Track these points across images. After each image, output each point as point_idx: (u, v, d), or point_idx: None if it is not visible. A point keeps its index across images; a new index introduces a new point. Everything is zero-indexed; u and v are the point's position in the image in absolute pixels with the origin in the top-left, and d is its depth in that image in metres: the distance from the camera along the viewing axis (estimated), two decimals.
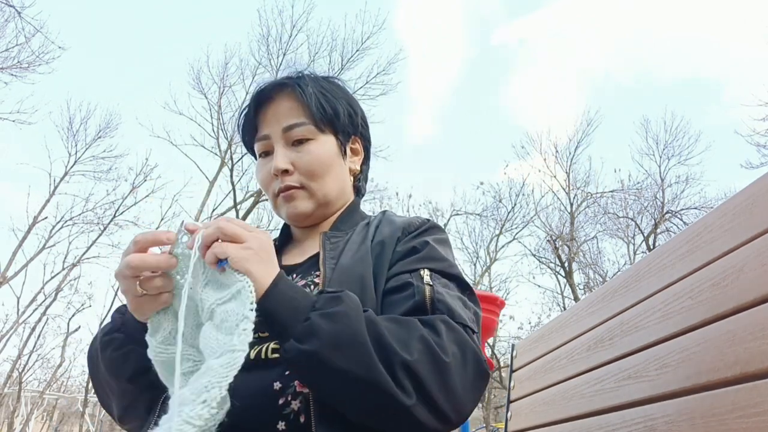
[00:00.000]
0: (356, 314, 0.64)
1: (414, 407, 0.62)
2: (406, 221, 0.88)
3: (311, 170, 0.90)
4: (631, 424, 0.88)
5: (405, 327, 0.67)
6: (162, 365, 0.69)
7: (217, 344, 0.60)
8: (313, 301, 0.65)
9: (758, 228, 0.72)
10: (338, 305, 0.64)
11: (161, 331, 0.69)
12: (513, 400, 1.59)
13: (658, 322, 0.89)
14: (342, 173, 0.96)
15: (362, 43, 12.59)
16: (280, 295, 0.65)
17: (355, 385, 0.62)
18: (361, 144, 1.02)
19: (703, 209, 12.57)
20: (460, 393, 0.66)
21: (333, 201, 0.94)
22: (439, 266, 0.79)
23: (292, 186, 0.90)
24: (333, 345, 0.61)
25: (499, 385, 13.78)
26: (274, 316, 0.64)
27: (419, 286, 0.74)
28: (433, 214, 13.82)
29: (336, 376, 0.62)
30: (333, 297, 0.66)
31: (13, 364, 13.88)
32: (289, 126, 0.91)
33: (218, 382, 0.57)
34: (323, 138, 0.93)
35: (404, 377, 0.62)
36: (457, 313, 0.72)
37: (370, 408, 0.64)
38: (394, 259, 0.81)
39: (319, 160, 0.91)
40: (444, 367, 0.65)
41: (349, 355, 0.62)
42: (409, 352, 0.64)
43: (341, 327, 0.62)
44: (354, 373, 0.61)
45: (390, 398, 0.62)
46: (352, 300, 0.67)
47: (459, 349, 0.68)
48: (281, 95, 0.94)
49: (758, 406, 0.63)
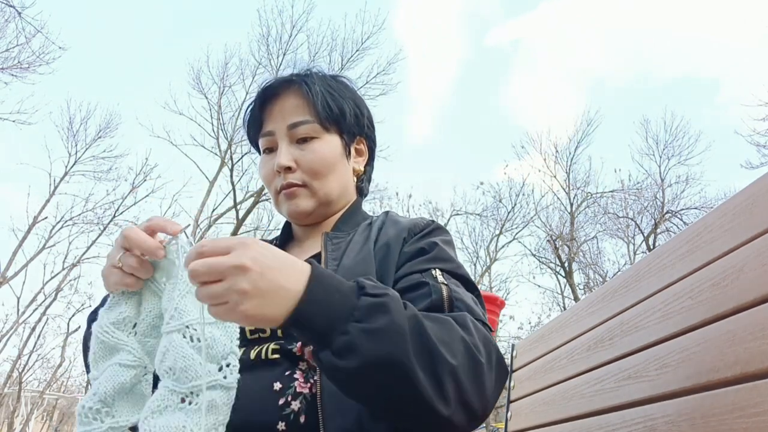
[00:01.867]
0: (401, 326, 0.59)
1: (452, 415, 0.61)
2: (411, 222, 0.88)
3: (314, 169, 0.90)
4: (631, 424, 0.88)
5: (445, 327, 0.65)
6: (101, 344, 0.68)
7: (201, 369, 0.59)
8: (352, 307, 0.59)
9: (758, 228, 0.72)
10: (382, 317, 0.58)
11: (116, 313, 0.68)
12: (513, 400, 1.59)
13: (658, 322, 0.89)
14: (345, 173, 0.96)
15: (362, 43, 12.61)
16: (314, 305, 0.58)
17: (394, 401, 0.60)
18: (366, 145, 1.02)
19: (703, 209, 12.56)
20: (490, 392, 0.66)
21: (334, 200, 0.94)
22: (448, 267, 0.79)
23: (294, 184, 0.90)
24: (376, 364, 0.57)
25: None
26: (309, 327, 0.58)
27: (435, 285, 0.74)
28: (433, 214, 13.82)
29: (376, 392, 0.60)
30: (376, 304, 0.59)
31: (13, 364, 13.88)
32: (294, 123, 0.90)
33: (223, 421, 0.59)
34: (328, 137, 0.92)
35: (449, 384, 0.60)
36: (476, 312, 0.72)
37: (407, 418, 0.62)
38: (402, 260, 0.81)
39: (323, 160, 0.91)
40: (480, 368, 0.64)
41: (392, 374, 0.58)
42: (454, 356, 0.62)
43: (385, 346, 0.57)
44: (394, 390, 0.59)
45: (428, 410, 0.60)
46: (397, 306, 0.61)
47: (485, 348, 0.67)
48: (288, 92, 0.93)
49: (758, 406, 0.63)
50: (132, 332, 0.68)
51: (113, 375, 0.66)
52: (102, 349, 0.68)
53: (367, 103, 1.03)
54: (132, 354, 0.67)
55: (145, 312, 0.68)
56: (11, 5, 9.14)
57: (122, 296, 0.69)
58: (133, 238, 0.65)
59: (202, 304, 0.59)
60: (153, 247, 0.65)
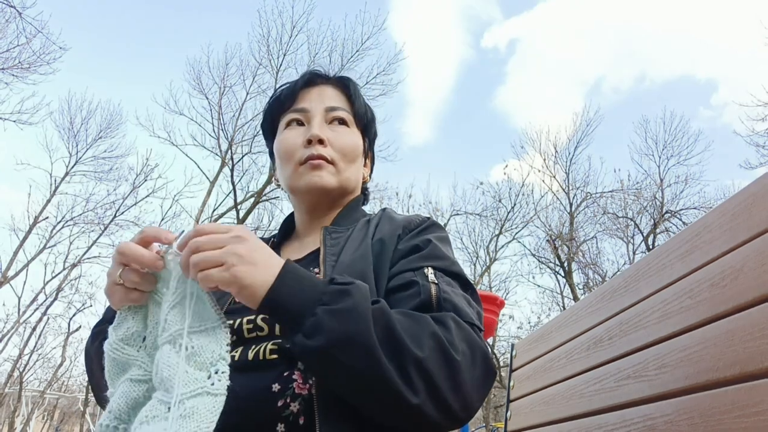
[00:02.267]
0: (364, 310, 0.63)
1: (422, 405, 0.62)
2: (406, 219, 0.89)
3: (345, 150, 0.94)
4: (630, 424, 0.88)
5: (417, 322, 0.67)
6: (113, 362, 0.68)
7: (186, 377, 0.60)
8: (320, 293, 0.64)
9: (757, 228, 0.72)
10: (346, 300, 0.63)
11: (123, 329, 0.68)
12: (513, 400, 1.60)
13: (657, 322, 0.89)
14: (360, 171, 1.01)
15: (362, 43, 12.59)
16: (286, 289, 0.64)
17: (361, 382, 0.62)
18: (371, 158, 1.08)
19: (702, 209, 12.56)
20: (469, 391, 0.66)
21: (349, 190, 0.97)
22: (442, 264, 0.79)
23: (324, 156, 0.92)
24: (339, 342, 0.61)
25: (498, 384, 13.77)
26: (282, 310, 0.64)
27: (425, 284, 0.74)
28: (433, 214, 13.80)
29: (343, 372, 0.62)
30: (341, 290, 0.64)
31: (14, 364, 13.89)
32: (333, 107, 0.96)
33: (206, 428, 0.58)
34: (357, 131, 0.98)
35: (415, 374, 0.62)
36: (464, 312, 0.73)
37: (377, 404, 0.64)
38: (396, 257, 0.81)
39: (352, 146, 0.96)
40: (454, 364, 0.65)
41: (354, 352, 0.61)
42: (420, 349, 0.63)
43: (348, 325, 0.62)
44: (360, 370, 0.61)
45: (397, 395, 0.62)
46: (362, 293, 0.65)
47: (468, 347, 0.68)
48: (329, 83, 1.00)
49: (757, 405, 0.63)
50: (141, 346, 0.68)
51: (126, 391, 0.66)
52: (114, 366, 0.68)
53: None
54: (142, 368, 0.68)
55: (152, 324, 0.68)
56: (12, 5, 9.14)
57: (128, 311, 0.69)
58: (130, 253, 0.65)
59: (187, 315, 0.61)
60: (151, 259, 0.65)
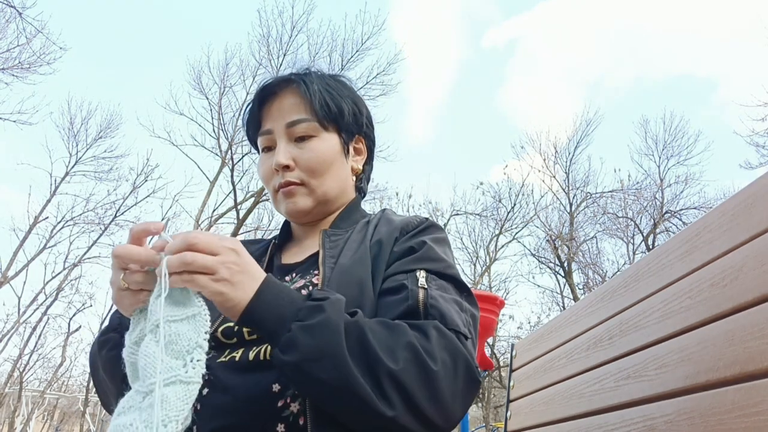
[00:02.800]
0: (336, 324, 0.64)
1: (398, 417, 0.62)
2: (404, 220, 0.88)
3: (312, 167, 0.90)
4: (630, 424, 0.88)
5: (393, 333, 0.66)
6: (132, 366, 0.67)
7: (162, 366, 0.58)
8: (297, 309, 0.65)
9: (757, 228, 0.72)
10: (319, 316, 0.64)
11: (136, 332, 0.67)
12: (512, 400, 1.60)
13: (657, 322, 0.89)
14: (343, 172, 0.95)
15: (362, 43, 12.60)
16: (265, 305, 0.65)
17: (336, 395, 0.63)
18: (365, 144, 1.02)
19: (702, 209, 12.57)
20: (449, 401, 0.66)
21: (333, 199, 0.94)
22: (435, 267, 0.78)
23: (293, 182, 0.90)
24: (311, 358, 0.62)
25: (498, 384, 13.78)
26: (260, 326, 0.65)
27: (413, 289, 0.74)
28: (433, 214, 13.81)
29: (316, 385, 0.63)
30: (315, 306, 0.65)
31: (14, 364, 13.89)
32: (292, 122, 0.91)
33: (176, 417, 0.56)
34: (326, 135, 0.92)
35: (389, 387, 0.62)
36: (450, 319, 0.72)
37: (354, 416, 0.64)
38: (392, 259, 0.81)
39: (321, 158, 0.90)
40: (431, 375, 0.65)
41: (326, 367, 0.62)
42: (394, 361, 0.63)
43: (319, 340, 0.62)
44: (333, 384, 0.62)
45: (371, 409, 0.62)
46: (335, 308, 0.65)
47: (450, 356, 0.67)
48: (286, 91, 0.93)
49: (757, 405, 0.63)
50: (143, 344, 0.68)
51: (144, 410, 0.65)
52: (133, 371, 0.67)
53: (366, 103, 1.03)
54: None
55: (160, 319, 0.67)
56: (12, 5, 9.14)
57: (141, 314, 0.68)
58: (126, 255, 0.64)
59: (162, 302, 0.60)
60: (148, 256, 0.64)
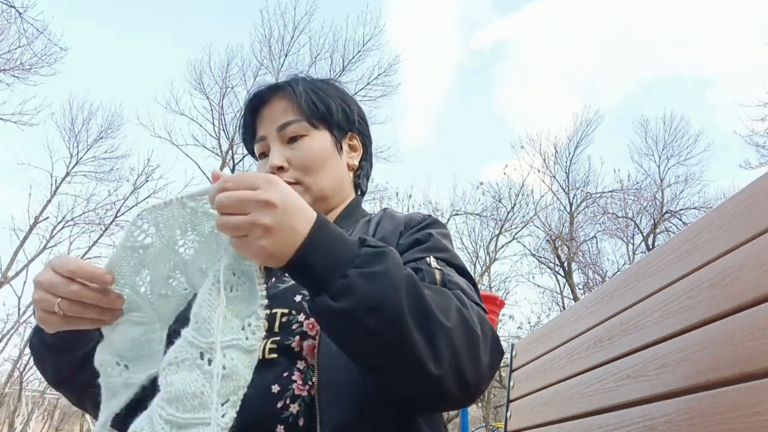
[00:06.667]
0: (397, 275, 0.61)
1: (443, 377, 0.61)
2: (407, 217, 0.90)
3: (306, 165, 0.92)
4: (630, 424, 0.88)
5: (442, 295, 0.66)
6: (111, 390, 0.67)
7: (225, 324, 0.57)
8: (353, 255, 0.62)
9: (757, 228, 0.72)
10: (380, 264, 0.61)
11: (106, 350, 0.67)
12: (512, 400, 1.60)
13: (657, 322, 0.89)
14: (338, 168, 0.97)
15: (363, 44, 12.60)
16: (318, 249, 0.61)
17: (385, 349, 0.60)
18: (360, 140, 1.03)
19: (702, 209, 12.56)
20: (485, 366, 0.66)
21: (330, 196, 0.95)
22: (443, 256, 0.79)
23: (288, 182, 0.90)
24: (369, 307, 0.58)
25: (498, 384, 13.77)
26: (311, 271, 0.61)
27: (428, 270, 0.74)
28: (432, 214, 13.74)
29: (366, 336, 0.59)
30: (375, 253, 0.62)
31: (14, 364, 13.88)
32: (282, 124, 0.93)
33: (244, 384, 0.57)
34: (317, 134, 0.94)
35: (443, 344, 0.61)
36: (471, 295, 0.73)
37: (396, 372, 0.62)
38: (398, 251, 0.81)
39: (313, 155, 0.92)
40: (475, 339, 0.65)
41: (384, 318, 0.58)
42: (448, 319, 0.63)
43: (380, 289, 0.59)
44: (386, 338, 0.59)
45: (420, 365, 0.60)
46: (395, 259, 0.63)
47: (480, 324, 0.68)
48: (276, 97, 0.96)
49: (757, 405, 0.63)
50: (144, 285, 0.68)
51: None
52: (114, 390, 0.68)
53: (362, 105, 1.06)
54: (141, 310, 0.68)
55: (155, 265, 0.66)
56: (13, 6, 9.14)
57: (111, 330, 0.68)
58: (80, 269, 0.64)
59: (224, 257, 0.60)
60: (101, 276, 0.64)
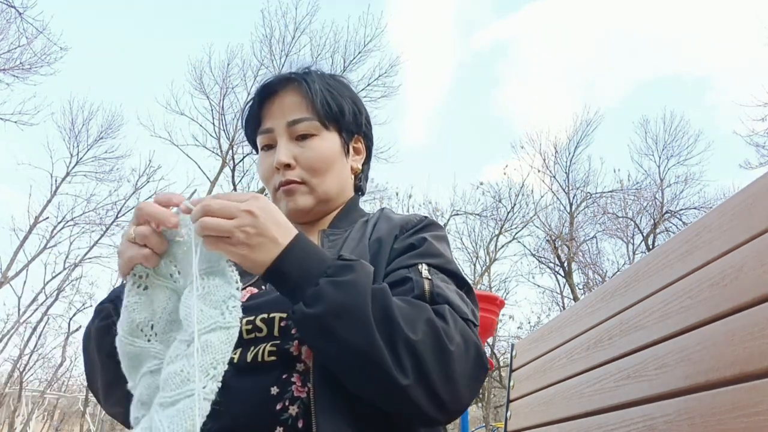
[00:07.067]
0: (364, 285, 0.65)
1: (409, 387, 0.62)
2: (403, 218, 0.88)
3: (313, 166, 0.90)
4: (630, 424, 0.88)
5: (415, 308, 0.67)
6: (127, 356, 0.68)
7: (201, 315, 0.61)
8: (326, 266, 0.66)
9: (757, 228, 0.72)
10: (349, 274, 0.65)
11: (128, 321, 0.68)
12: (512, 400, 1.60)
13: (657, 322, 0.89)
14: (344, 171, 0.96)
15: (364, 45, 12.61)
16: (294, 259, 0.66)
17: (352, 356, 0.63)
18: (364, 143, 1.02)
19: (702, 209, 12.57)
20: (460, 382, 0.66)
21: (333, 198, 0.94)
22: (436, 262, 0.79)
23: (293, 180, 0.90)
24: (336, 312, 0.62)
25: (498, 384, 13.78)
26: (286, 279, 0.66)
27: (418, 280, 0.74)
28: (432, 214, 13.79)
29: (336, 343, 0.63)
30: (345, 265, 0.66)
31: (14, 364, 13.90)
32: (293, 120, 0.91)
33: (222, 359, 0.59)
34: (327, 135, 0.93)
35: (405, 355, 0.63)
36: (457, 306, 0.72)
37: (365, 381, 0.64)
38: (392, 256, 0.81)
39: (322, 157, 0.91)
40: (447, 354, 0.65)
41: (349, 324, 0.62)
42: (414, 332, 0.64)
43: (346, 296, 0.63)
44: (352, 344, 0.62)
45: (385, 375, 0.62)
46: (365, 271, 0.67)
47: (463, 339, 0.68)
48: (287, 89, 0.94)
49: (757, 405, 0.63)
50: (151, 334, 0.68)
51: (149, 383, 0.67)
52: (130, 360, 0.68)
53: (364, 103, 1.03)
54: (157, 358, 0.68)
55: (160, 310, 0.68)
56: (12, 6, 9.14)
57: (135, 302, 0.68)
58: (148, 210, 0.65)
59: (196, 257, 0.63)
60: (165, 214, 0.65)
